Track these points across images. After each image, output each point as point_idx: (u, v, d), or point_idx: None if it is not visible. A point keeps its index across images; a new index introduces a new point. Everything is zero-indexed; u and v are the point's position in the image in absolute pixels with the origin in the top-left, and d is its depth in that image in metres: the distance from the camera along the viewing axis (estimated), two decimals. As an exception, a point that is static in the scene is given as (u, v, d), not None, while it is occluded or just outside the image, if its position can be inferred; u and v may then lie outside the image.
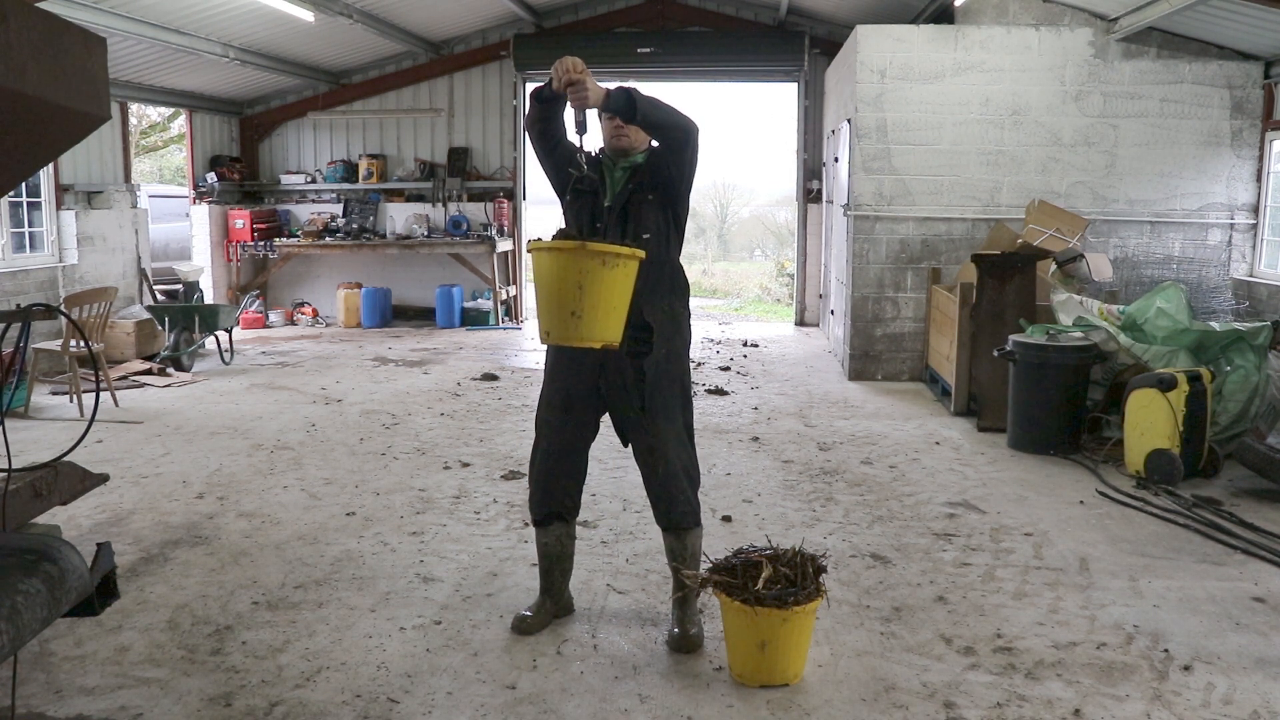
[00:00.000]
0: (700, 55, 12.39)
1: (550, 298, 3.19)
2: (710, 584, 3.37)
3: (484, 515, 5.13)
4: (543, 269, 3.22)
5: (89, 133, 2.67)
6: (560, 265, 3.15)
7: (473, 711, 3.16)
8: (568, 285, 3.13)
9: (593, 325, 3.17)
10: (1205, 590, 4.16)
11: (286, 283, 13.47)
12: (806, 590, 3.28)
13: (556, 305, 3.17)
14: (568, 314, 3.15)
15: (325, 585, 4.20)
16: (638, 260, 3.22)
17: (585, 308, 3.14)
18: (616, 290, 3.18)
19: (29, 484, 2.76)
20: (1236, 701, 3.24)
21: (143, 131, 20.30)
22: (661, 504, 3.61)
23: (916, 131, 8.67)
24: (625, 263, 3.18)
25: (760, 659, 3.27)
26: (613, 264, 3.13)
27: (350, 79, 13.15)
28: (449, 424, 7.22)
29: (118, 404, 7.78)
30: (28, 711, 3.14)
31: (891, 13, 10.47)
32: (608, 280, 3.14)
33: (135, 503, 5.32)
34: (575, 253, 3.13)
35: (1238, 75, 8.49)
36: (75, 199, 9.96)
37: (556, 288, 3.16)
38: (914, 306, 8.92)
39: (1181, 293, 6.51)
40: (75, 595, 2.46)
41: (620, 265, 3.16)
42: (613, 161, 3.65)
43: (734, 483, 5.70)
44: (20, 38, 2.21)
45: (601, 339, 3.20)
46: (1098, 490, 5.58)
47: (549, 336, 3.25)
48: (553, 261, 3.17)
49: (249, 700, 3.22)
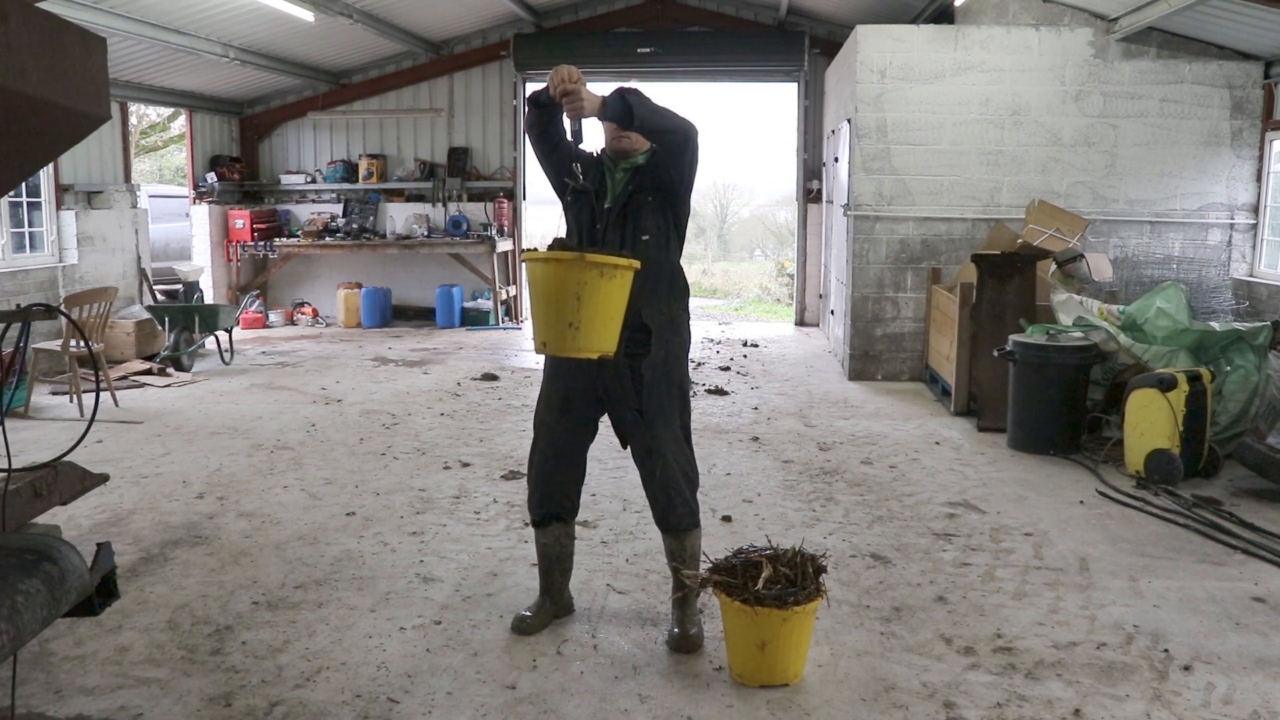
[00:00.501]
0: (700, 55, 12.39)
1: (547, 308, 3.17)
2: (710, 584, 3.37)
3: (484, 515, 5.13)
4: (539, 279, 3.20)
5: (89, 133, 2.67)
6: (558, 276, 3.13)
7: (473, 711, 3.16)
8: (566, 296, 3.12)
9: (590, 336, 3.15)
10: (1205, 590, 4.16)
11: (286, 283, 13.47)
12: (806, 590, 3.28)
13: (554, 316, 3.15)
14: (565, 325, 3.14)
15: (325, 585, 4.20)
16: (634, 270, 3.22)
17: (583, 319, 3.12)
18: (614, 301, 3.17)
19: (29, 484, 2.76)
20: (1236, 701, 3.24)
21: (143, 131, 20.30)
22: (660, 506, 3.61)
23: (916, 131, 8.67)
24: (622, 273, 3.17)
25: (760, 659, 3.27)
26: (610, 275, 3.12)
27: (350, 79, 13.15)
28: (449, 424, 7.22)
29: (118, 404, 7.78)
30: (28, 711, 3.14)
31: (891, 13, 10.47)
32: (605, 291, 3.12)
33: (135, 503, 5.32)
34: (573, 264, 3.11)
35: (1238, 75, 8.49)
36: (75, 199, 9.96)
37: (554, 298, 3.15)
38: (914, 306, 8.92)
39: (1181, 293, 6.51)
40: (75, 595, 2.46)
41: (618, 276, 3.15)
42: (613, 162, 3.63)
43: (734, 483, 5.70)
44: (20, 38, 2.21)
45: (599, 349, 3.20)
46: (1098, 490, 5.58)
47: (545, 347, 3.24)
48: (550, 272, 3.15)
49: (249, 700, 3.22)
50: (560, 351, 3.24)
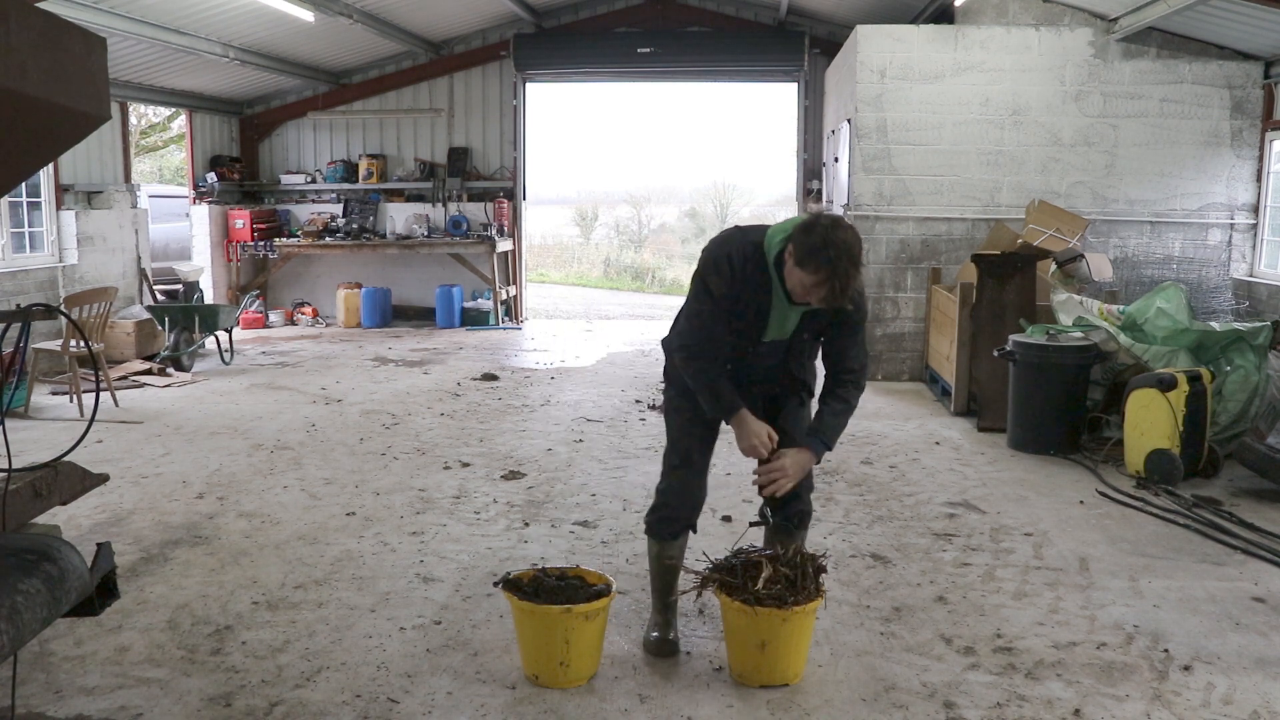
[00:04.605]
0: (700, 55, 12.39)
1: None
2: (710, 584, 3.37)
3: (484, 515, 5.13)
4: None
5: (89, 133, 2.66)
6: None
7: (473, 711, 3.16)
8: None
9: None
10: (1205, 590, 4.16)
11: (286, 283, 13.47)
12: (806, 590, 3.28)
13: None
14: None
15: (325, 585, 4.20)
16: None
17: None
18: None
19: (29, 484, 2.76)
20: (1236, 701, 3.24)
21: (143, 131, 20.31)
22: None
23: (916, 131, 8.67)
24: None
25: (760, 659, 3.27)
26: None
27: (350, 79, 13.15)
28: (449, 424, 7.22)
29: (118, 404, 7.78)
30: (28, 711, 3.14)
31: (891, 13, 10.47)
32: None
33: (135, 503, 5.32)
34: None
35: (1238, 75, 8.49)
36: (75, 199, 9.96)
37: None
38: (914, 306, 8.92)
39: (1181, 293, 6.51)
40: (75, 595, 2.46)
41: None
42: (789, 299, 3.24)
43: (734, 483, 5.69)
44: (20, 38, 2.21)
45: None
46: (1098, 490, 5.58)
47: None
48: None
49: (249, 700, 3.22)
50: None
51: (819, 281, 3.02)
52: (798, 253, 3.05)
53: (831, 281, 3.00)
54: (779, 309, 3.27)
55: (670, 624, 3.61)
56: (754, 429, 3.27)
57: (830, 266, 2.98)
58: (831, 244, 2.98)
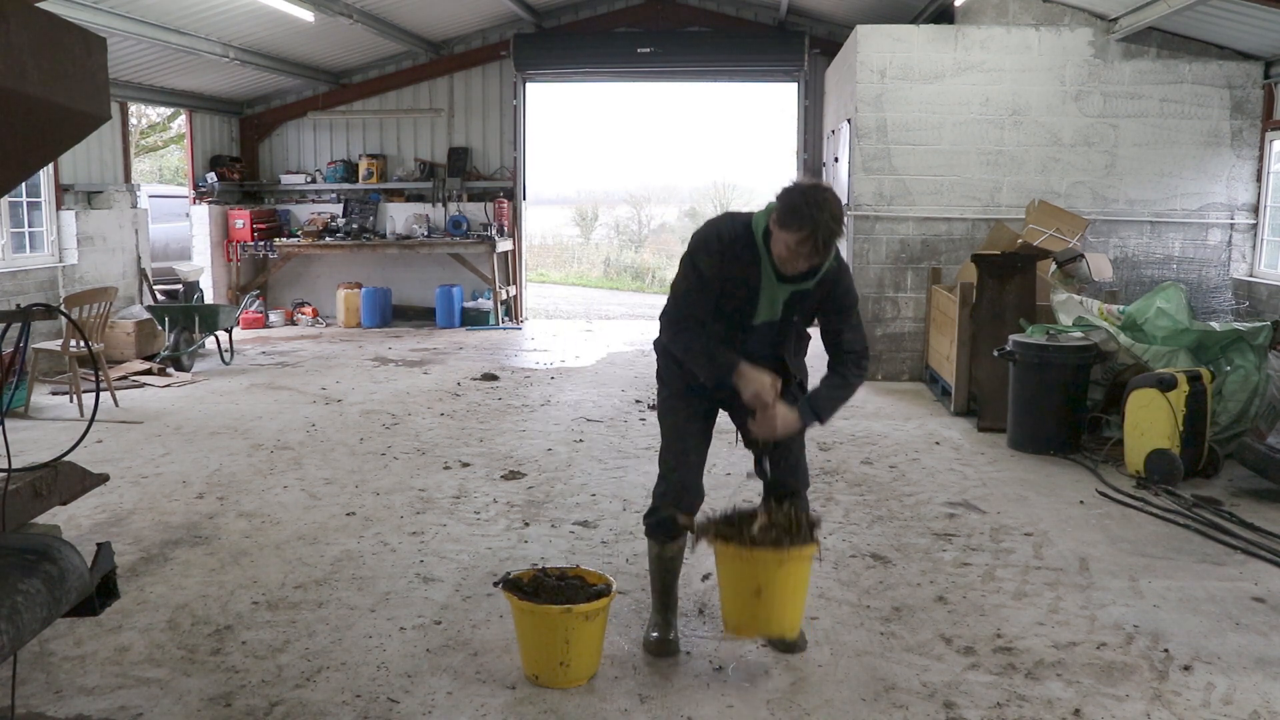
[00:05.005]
0: (700, 55, 12.39)
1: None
2: (706, 533, 3.33)
3: (484, 515, 5.13)
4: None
5: (89, 133, 2.66)
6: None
7: (473, 711, 3.16)
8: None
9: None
10: (1205, 590, 4.16)
11: (286, 283, 13.47)
12: (802, 538, 3.25)
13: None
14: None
15: (325, 585, 4.20)
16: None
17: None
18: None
19: (29, 484, 2.76)
20: (1236, 701, 3.24)
21: (143, 131, 20.31)
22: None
23: (916, 131, 8.67)
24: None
25: (756, 606, 3.24)
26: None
27: (350, 79, 13.15)
28: (449, 424, 7.22)
29: (118, 404, 7.78)
30: (28, 711, 3.14)
31: (891, 13, 10.47)
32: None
33: (135, 503, 5.32)
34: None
35: (1238, 75, 8.49)
36: (75, 199, 9.95)
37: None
38: (914, 306, 8.92)
39: (1181, 293, 6.51)
40: (75, 595, 2.46)
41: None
42: (778, 274, 3.24)
43: (733, 483, 5.68)
44: (20, 38, 2.21)
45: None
46: (1098, 490, 5.58)
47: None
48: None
49: (249, 700, 3.22)
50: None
51: (802, 239, 3.05)
52: (780, 215, 3.09)
53: (815, 237, 3.04)
54: (768, 288, 3.28)
55: (670, 624, 3.61)
56: (757, 376, 3.27)
57: (812, 222, 3.02)
58: (812, 201, 3.04)
